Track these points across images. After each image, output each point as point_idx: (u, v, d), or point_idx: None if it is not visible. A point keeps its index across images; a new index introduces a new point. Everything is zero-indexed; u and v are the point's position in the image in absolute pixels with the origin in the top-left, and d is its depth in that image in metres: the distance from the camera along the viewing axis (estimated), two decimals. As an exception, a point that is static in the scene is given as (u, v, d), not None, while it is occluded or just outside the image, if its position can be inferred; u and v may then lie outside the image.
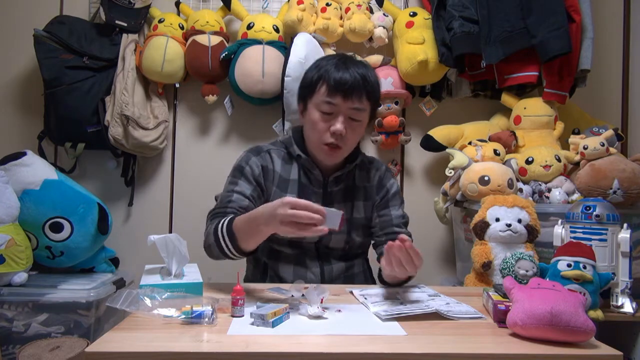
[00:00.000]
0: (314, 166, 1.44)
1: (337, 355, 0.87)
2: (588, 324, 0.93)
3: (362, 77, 1.33)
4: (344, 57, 1.41)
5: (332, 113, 1.35)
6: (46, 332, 1.64)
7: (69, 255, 1.78)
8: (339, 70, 1.34)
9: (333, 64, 1.36)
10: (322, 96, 1.34)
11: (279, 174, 1.45)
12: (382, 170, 1.54)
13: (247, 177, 1.42)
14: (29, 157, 1.78)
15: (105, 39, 2.07)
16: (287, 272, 1.46)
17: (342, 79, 1.32)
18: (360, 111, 1.36)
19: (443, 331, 0.96)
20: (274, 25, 2.07)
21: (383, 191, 1.51)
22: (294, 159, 1.47)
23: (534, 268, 1.34)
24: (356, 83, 1.32)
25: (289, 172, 1.45)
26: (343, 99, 1.33)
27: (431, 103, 2.17)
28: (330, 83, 1.33)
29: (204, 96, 2.08)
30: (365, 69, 1.37)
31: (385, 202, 1.50)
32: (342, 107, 1.34)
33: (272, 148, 1.48)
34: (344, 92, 1.32)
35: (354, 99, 1.33)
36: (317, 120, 1.36)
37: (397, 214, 1.50)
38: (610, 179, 1.63)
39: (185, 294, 1.12)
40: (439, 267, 2.23)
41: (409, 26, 2.05)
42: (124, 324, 1.01)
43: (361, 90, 1.33)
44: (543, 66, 1.97)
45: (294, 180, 1.44)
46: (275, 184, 1.44)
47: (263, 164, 1.44)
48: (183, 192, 2.21)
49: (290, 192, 1.43)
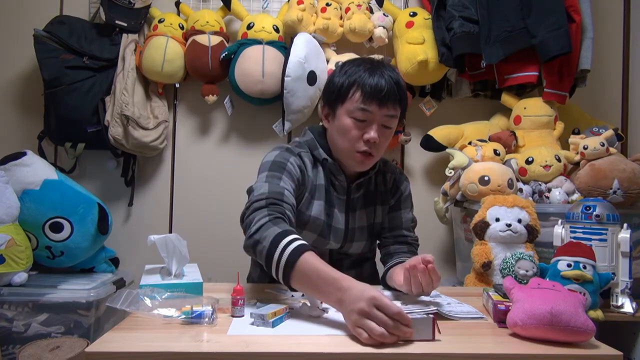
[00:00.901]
0: (340, 172, 1.38)
1: (337, 355, 0.87)
2: (588, 324, 0.93)
3: (396, 83, 1.29)
4: (374, 61, 1.34)
5: (365, 120, 1.29)
6: (46, 332, 1.64)
7: (69, 255, 1.78)
8: (373, 76, 1.27)
9: (365, 69, 1.30)
10: (357, 103, 1.27)
11: (311, 178, 1.37)
12: (396, 173, 1.51)
13: (291, 174, 1.30)
14: (29, 157, 1.78)
15: (105, 39, 2.07)
16: None
17: (379, 86, 1.26)
18: (393, 118, 1.31)
19: (443, 331, 0.96)
20: (274, 25, 2.07)
21: (398, 194, 1.48)
22: (319, 163, 1.39)
23: (534, 268, 1.34)
24: (391, 89, 1.27)
25: (317, 176, 1.38)
26: (379, 107, 1.27)
27: (431, 103, 2.17)
28: (366, 89, 1.26)
29: (204, 96, 2.08)
30: (396, 74, 1.32)
31: (398, 204, 1.48)
32: (377, 115, 1.28)
33: (302, 151, 1.38)
34: (380, 99, 1.26)
35: (389, 105, 1.28)
36: (350, 127, 1.29)
37: (408, 217, 1.48)
38: (610, 179, 1.63)
39: (185, 294, 1.12)
40: (439, 267, 2.18)
41: (409, 26, 2.05)
42: (124, 324, 1.01)
43: (396, 97, 1.29)
44: (543, 66, 1.97)
45: (320, 186, 1.37)
46: (308, 189, 1.35)
47: (301, 167, 1.35)
48: (183, 192, 2.21)
49: (317, 198, 1.36)
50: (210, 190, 2.16)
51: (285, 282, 1.08)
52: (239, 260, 1.67)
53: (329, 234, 1.37)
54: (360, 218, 1.43)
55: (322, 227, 1.36)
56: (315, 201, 1.35)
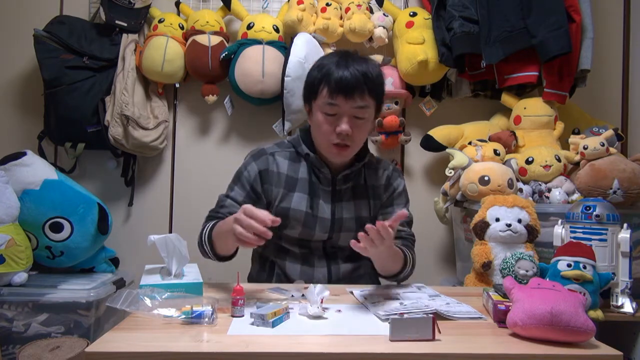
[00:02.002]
0: (322, 164, 1.43)
1: (337, 355, 0.87)
2: (588, 324, 0.93)
3: (363, 75, 1.31)
4: (345, 54, 1.39)
5: (335, 114, 1.34)
6: (46, 332, 1.64)
7: (69, 255, 1.78)
8: (338, 70, 1.32)
9: (334, 62, 1.34)
10: (325, 98, 1.33)
11: (286, 174, 1.44)
12: (390, 170, 1.53)
13: (243, 183, 1.44)
14: (29, 157, 1.78)
15: (105, 39, 2.07)
16: (294, 271, 1.46)
17: (343, 79, 1.30)
18: (364, 109, 1.34)
19: (443, 331, 0.96)
20: (274, 25, 2.07)
21: (390, 190, 1.51)
22: (302, 158, 1.46)
23: (534, 268, 1.34)
24: (357, 81, 1.30)
25: (297, 171, 1.45)
26: (345, 99, 1.31)
27: (431, 103, 2.17)
28: (332, 85, 1.31)
29: (204, 96, 2.08)
30: (366, 65, 1.35)
31: (391, 200, 1.50)
32: (344, 108, 1.33)
33: (277, 150, 1.48)
34: (345, 92, 1.30)
35: (356, 97, 1.32)
36: (322, 122, 1.36)
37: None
38: (610, 179, 1.63)
39: (185, 294, 1.12)
40: (439, 267, 2.23)
41: (409, 26, 2.05)
42: (124, 324, 1.01)
43: (363, 88, 1.32)
44: (543, 66, 1.97)
45: (302, 179, 1.44)
46: (282, 185, 1.43)
47: (262, 168, 1.44)
48: (183, 192, 2.21)
49: (299, 190, 1.43)
50: (210, 190, 2.15)
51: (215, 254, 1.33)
52: (239, 260, 1.67)
53: (314, 224, 1.43)
54: (348, 209, 1.46)
55: (306, 217, 1.42)
56: (296, 193, 1.43)
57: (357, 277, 1.50)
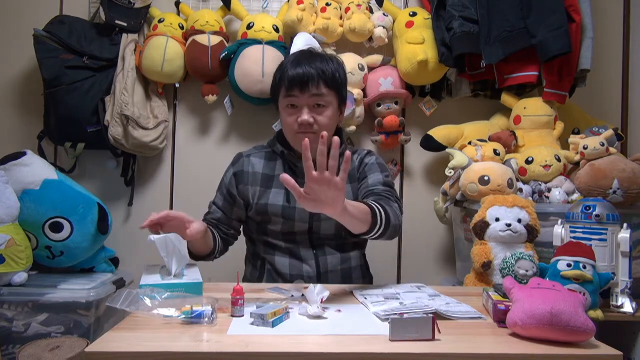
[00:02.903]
0: (297, 159, 1.51)
1: (337, 355, 0.87)
2: (588, 324, 0.93)
3: (317, 69, 1.42)
4: (301, 53, 1.51)
5: (296, 106, 1.44)
6: (46, 332, 1.64)
7: (69, 255, 1.78)
8: (293, 67, 1.43)
9: (290, 61, 1.46)
10: (284, 96, 1.45)
11: (262, 173, 1.54)
12: (363, 154, 1.61)
13: (222, 189, 1.57)
14: (29, 157, 1.77)
15: (105, 39, 2.07)
16: (283, 265, 1.49)
17: (296, 75, 1.41)
18: (322, 96, 1.43)
19: (443, 331, 0.96)
20: (274, 25, 2.07)
21: (362, 166, 1.57)
22: (278, 157, 1.56)
23: (534, 268, 1.34)
24: (310, 76, 1.40)
25: (273, 168, 1.54)
26: (301, 92, 1.42)
27: (431, 103, 2.17)
28: (286, 83, 1.43)
29: (204, 96, 2.08)
30: (321, 62, 1.44)
31: (364, 173, 1.55)
32: (302, 99, 1.43)
33: (253, 152, 1.60)
34: (300, 85, 1.41)
35: (311, 88, 1.41)
36: (286, 116, 1.47)
37: (377, 178, 1.51)
38: (610, 179, 1.63)
39: (185, 294, 1.12)
40: (439, 267, 2.22)
41: (409, 26, 2.05)
42: (124, 324, 1.01)
43: (317, 81, 1.41)
44: (543, 66, 1.97)
45: (279, 176, 1.42)
46: (258, 184, 1.53)
47: (237, 170, 1.56)
48: (183, 192, 2.21)
49: (275, 187, 1.51)
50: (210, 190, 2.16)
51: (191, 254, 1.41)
52: (239, 261, 1.68)
53: (293, 215, 1.48)
54: None
55: (284, 210, 1.48)
56: (273, 190, 1.51)
57: (348, 270, 1.51)
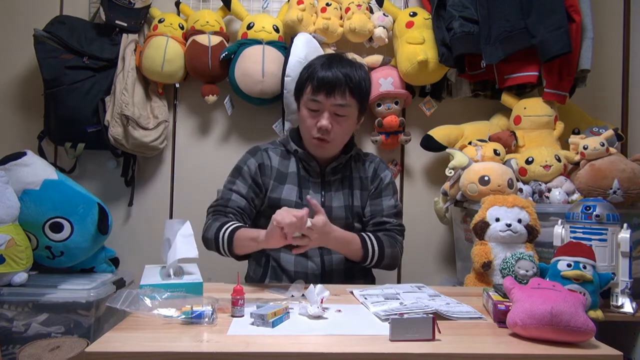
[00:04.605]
0: (310, 159, 1.54)
1: (337, 355, 0.88)
2: (588, 324, 0.93)
3: (345, 76, 1.43)
4: (332, 56, 1.52)
5: (318, 110, 1.46)
6: (46, 332, 1.64)
7: (69, 255, 1.78)
8: (323, 69, 1.44)
9: (321, 63, 1.47)
10: (309, 95, 1.47)
11: (277, 168, 1.55)
12: (376, 162, 1.63)
13: (244, 177, 1.53)
14: (29, 157, 1.77)
15: (105, 39, 2.07)
16: (288, 262, 1.51)
17: (325, 78, 1.43)
18: (344, 107, 1.46)
19: (443, 331, 0.96)
20: (274, 25, 2.07)
21: (377, 180, 1.59)
22: (291, 154, 1.58)
23: (534, 268, 1.34)
24: (338, 81, 1.43)
25: (287, 166, 1.56)
26: (326, 96, 1.44)
27: (431, 103, 2.17)
28: (314, 83, 1.44)
29: (204, 96, 2.08)
30: (350, 67, 1.46)
31: (379, 192, 1.58)
32: (325, 104, 1.45)
33: (270, 147, 1.60)
34: (327, 90, 1.43)
35: (337, 96, 1.43)
36: (306, 117, 1.49)
37: (389, 203, 1.57)
38: (610, 179, 1.63)
39: (185, 294, 1.12)
40: (439, 267, 2.22)
41: (409, 26, 2.05)
42: (124, 324, 1.01)
43: (344, 88, 1.43)
44: (543, 66, 1.97)
45: (292, 173, 1.55)
46: (273, 178, 1.54)
47: (259, 162, 1.55)
48: (183, 192, 2.21)
49: (288, 183, 1.54)
50: (210, 190, 2.16)
51: (232, 254, 1.41)
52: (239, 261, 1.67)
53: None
54: (337, 198, 1.55)
55: (296, 206, 1.46)
56: (286, 185, 1.53)
57: (351, 270, 1.53)
